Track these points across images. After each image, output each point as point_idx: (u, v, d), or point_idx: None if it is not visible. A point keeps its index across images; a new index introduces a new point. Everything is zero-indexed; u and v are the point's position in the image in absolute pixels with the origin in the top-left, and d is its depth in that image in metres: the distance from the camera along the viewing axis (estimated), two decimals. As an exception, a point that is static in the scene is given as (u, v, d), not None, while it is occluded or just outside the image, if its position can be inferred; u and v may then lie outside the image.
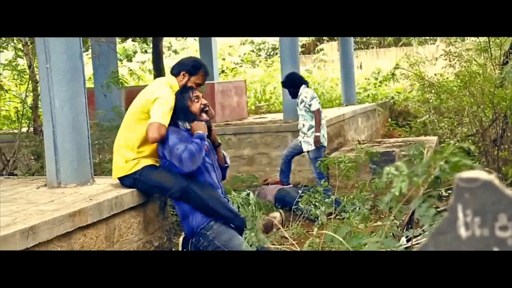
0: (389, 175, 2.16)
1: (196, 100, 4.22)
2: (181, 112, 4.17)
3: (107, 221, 3.83)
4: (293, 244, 3.98)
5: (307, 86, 7.47)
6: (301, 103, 7.31)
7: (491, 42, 8.85)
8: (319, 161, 6.52)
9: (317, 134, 7.19)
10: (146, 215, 4.28)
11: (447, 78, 9.90)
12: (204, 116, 4.24)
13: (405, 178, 2.13)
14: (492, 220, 1.29)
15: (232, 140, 9.05)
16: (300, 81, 7.46)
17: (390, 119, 14.23)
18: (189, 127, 4.20)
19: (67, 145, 4.15)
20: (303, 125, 7.33)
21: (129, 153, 4.20)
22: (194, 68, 4.29)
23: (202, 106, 4.23)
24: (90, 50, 10.09)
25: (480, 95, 7.88)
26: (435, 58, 9.30)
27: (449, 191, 7.63)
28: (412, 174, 2.15)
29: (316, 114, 7.23)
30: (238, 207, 4.80)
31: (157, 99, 4.09)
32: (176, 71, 4.33)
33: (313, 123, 7.21)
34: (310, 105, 7.24)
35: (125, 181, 4.20)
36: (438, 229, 1.39)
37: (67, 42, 4.14)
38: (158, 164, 4.24)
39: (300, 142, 7.37)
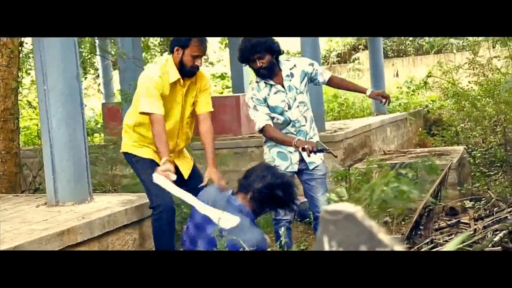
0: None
1: None
2: None
3: (99, 239, 3.89)
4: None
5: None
6: (304, 76, 4.51)
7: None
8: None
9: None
10: (142, 232, 4.33)
11: (480, 86, 9.72)
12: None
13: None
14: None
15: (255, 153, 9.05)
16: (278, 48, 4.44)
17: (423, 128, 14.01)
18: None
19: (64, 164, 4.24)
20: (304, 119, 4.52)
21: (133, 134, 4.28)
22: (185, 40, 4.14)
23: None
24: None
25: (504, 104, 7.73)
26: (457, 67, 9.11)
27: (472, 202, 7.49)
28: (354, 199, 2.13)
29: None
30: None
31: (136, 90, 4.15)
32: (170, 48, 4.24)
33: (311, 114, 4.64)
34: (319, 74, 4.61)
35: (126, 157, 4.32)
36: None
37: (64, 64, 4.24)
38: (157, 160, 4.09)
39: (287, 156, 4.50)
